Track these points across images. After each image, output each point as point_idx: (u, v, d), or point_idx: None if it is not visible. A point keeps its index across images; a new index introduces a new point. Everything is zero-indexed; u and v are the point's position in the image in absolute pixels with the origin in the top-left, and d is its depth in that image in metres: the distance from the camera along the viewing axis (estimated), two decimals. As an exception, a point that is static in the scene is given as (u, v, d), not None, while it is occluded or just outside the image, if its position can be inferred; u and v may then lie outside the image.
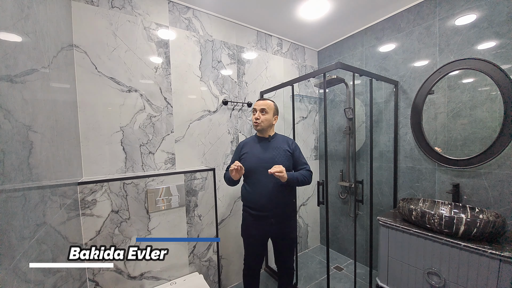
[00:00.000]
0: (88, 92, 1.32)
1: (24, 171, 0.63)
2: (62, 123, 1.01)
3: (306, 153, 2.51)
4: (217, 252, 1.74)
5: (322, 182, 1.70)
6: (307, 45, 2.52)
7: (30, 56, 0.70)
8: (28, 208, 0.64)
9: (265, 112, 1.42)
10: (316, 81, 2.47)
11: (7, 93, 0.56)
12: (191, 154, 1.72)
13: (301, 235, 2.52)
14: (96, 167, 1.35)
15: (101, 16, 1.35)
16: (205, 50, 1.79)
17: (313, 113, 2.61)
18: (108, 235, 1.30)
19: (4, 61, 0.55)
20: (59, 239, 0.87)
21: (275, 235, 1.43)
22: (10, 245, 0.54)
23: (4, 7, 0.57)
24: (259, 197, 1.36)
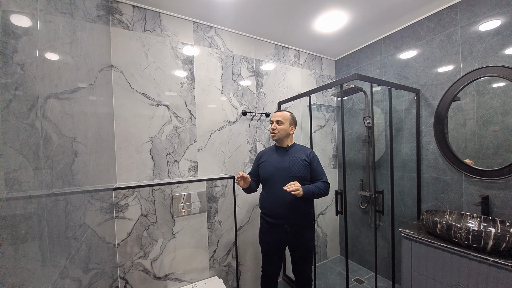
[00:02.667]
0: (123, 107, 1.47)
1: (68, 177, 0.74)
2: (101, 135, 1.15)
3: (324, 161, 2.51)
4: (236, 257, 1.79)
5: (340, 192, 1.69)
6: (325, 55, 2.55)
7: (75, 76, 0.82)
8: (71, 210, 0.74)
9: (280, 122, 1.48)
10: (334, 90, 2.48)
11: (55, 108, 0.65)
12: (212, 163, 1.82)
13: (320, 244, 2.49)
14: (128, 174, 1.49)
15: (135, 39, 1.52)
16: (226, 64, 1.90)
17: (331, 122, 2.61)
18: (138, 237, 1.41)
19: (54, 80, 0.66)
20: (96, 239, 0.98)
21: (291, 244, 1.45)
22: (56, 244, 0.63)
23: (55, 34, 0.67)
24: (275, 205, 1.40)
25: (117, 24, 1.47)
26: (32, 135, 0.52)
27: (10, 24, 0.46)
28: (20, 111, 0.48)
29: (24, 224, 0.47)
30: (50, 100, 0.62)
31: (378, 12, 1.72)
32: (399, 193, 1.97)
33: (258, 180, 1.56)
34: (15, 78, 0.46)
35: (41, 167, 0.55)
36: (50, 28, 0.64)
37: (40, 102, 0.56)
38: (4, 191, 0.42)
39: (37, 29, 0.56)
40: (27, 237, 0.48)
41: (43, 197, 0.56)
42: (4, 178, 0.42)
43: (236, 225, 1.80)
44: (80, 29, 0.89)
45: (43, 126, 0.57)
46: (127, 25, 1.50)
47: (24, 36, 0.50)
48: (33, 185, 0.52)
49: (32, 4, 0.53)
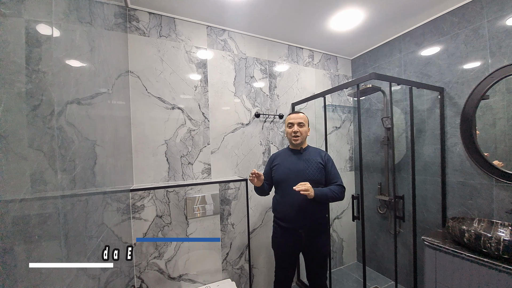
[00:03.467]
0: (139, 110, 1.52)
1: (89, 178, 0.77)
2: (119, 138, 1.19)
3: (340, 164, 2.43)
4: (248, 261, 1.78)
5: (357, 196, 1.63)
6: (340, 55, 2.49)
7: (95, 82, 0.86)
8: (90, 210, 0.77)
9: (302, 125, 1.46)
10: (350, 90, 2.41)
11: (77, 113, 0.68)
12: (225, 165, 1.83)
13: (336, 250, 2.41)
14: (144, 176, 1.53)
15: (151, 45, 1.57)
16: (238, 67, 1.91)
17: (347, 123, 2.53)
18: (153, 237, 1.45)
19: (75, 86, 0.69)
20: (113, 239, 1.01)
21: (305, 249, 1.41)
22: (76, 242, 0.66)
23: (76, 42, 0.70)
24: (289, 209, 1.37)
25: (134, 31, 1.53)
26: (55, 139, 0.54)
27: (35, 33, 0.49)
28: (44, 116, 0.50)
29: (47, 223, 0.50)
30: (72, 105, 0.65)
31: (396, 8, 1.65)
32: (421, 198, 1.86)
33: (271, 183, 1.53)
34: (39, 84, 0.49)
35: (63, 169, 0.58)
36: (71, 37, 0.67)
37: (62, 107, 0.59)
38: (30, 192, 0.44)
39: (59, 38, 0.59)
40: (49, 235, 0.50)
41: (65, 198, 0.59)
42: (30, 179, 0.45)
43: (249, 228, 1.79)
44: (99, 37, 0.93)
45: (64, 130, 0.60)
46: (144, 32, 1.55)
47: (47, 45, 0.53)
48: (55, 186, 0.54)
49: (54, 13, 0.56)
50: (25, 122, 0.44)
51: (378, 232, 2.28)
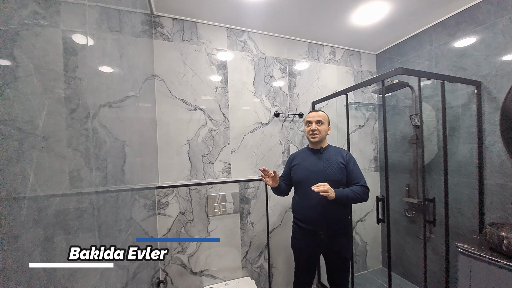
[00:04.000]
0: (164, 112, 1.60)
1: (119, 176, 0.82)
2: (146, 138, 1.27)
3: (363, 164, 2.33)
4: (268, 260, 1.79)
5: (382, 198, 1.55)
6: (364, 50, 2.39)
7: (124, 86, 0.92)
8: (121, 205, 0.83)
9: (321, 123, 1.42)
10: (375, 87, 2.29)
11: (108, 116, 0.73)
12: (245, 164, 1.85)
13: (359, 253, 2.32)
14: (168, 174, 1.61)
15: (174, 49, 1.64)
16: (258, 67, 1.92)
17: (371, 121, 2.42)
18: (176, 233, 1.52)
19: (107, 90, 0.74)
20: (141, 233, 1.08)
21: (326, 251, 1.38)
22: (108, 234, 0.71)
23: (107, 50, 0.75)
24: (308, 210, 1.35)
25: (159, 37, 1.61)
26: (89, 139, 0.59)
27: (71, 43, 0.53)
28: (80, 119, 0.55)
29: (83, 216, 0.55)
30: (104, 108, 0.71)
31: (426, -3, 1.54)
32: (454, 201, 1.72)
33: (290, 184, 1.52)
34: (76, 90, 0.54)
35: (97, 167, 0.63)
36: (103, 45, 0.72)
37: (96, 110, 0.64)
38: (67, 188, 0.49)
39: (93, 46, 0.64)
40: (85, 227, 0.55)
41: (98, 193, 0.64)
42: (68, 176, 0.49)
43: (268, 227, 1.80)
44: (128, 44, 1.00)
45: (98, 131, 0.65)
46: (168, 37, 1.63)
47: (83, 53, 0.58)
48: (90, 183, 0.59)
49: (88, 24, 0.61)
50: (64, 125, 0.49)
51: (405, 237, 2.15)
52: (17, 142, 0.31)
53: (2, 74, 0.28)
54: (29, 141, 0.34)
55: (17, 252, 0.30)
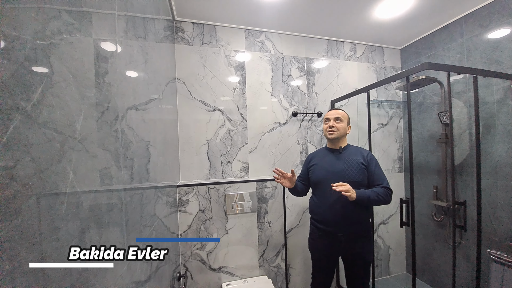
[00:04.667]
0: (185, 113, 1.67)
1: (144, 174, 0.88)
2: (168, 138, 1.33)
3: (387, 164, 2.24)
4: (285, 260, 1.78)
5: (406, 200, 1.48)
6: (387, 45, 2.28)
7: (148, 90, 0.98)
8: (145, 202, 0.88)
9: (339, 120, 1.38)
10: (399, 83, 2.18)
11: (134, 118, 0.79)
12: (263, 164, 1.86)
13: (381, 257, 2.23)
14: (188, 173, 1.67)
15: (194, 53, 1.70)
16: (276, 67, 1.92)
17: (395, 119, 2.31)
18: (196, 230, 1.57)
19: (133, 94, 0.79)
20: (163, 229, 1.14)
21: (345, 254, 1.34)
22: (134, 229, 0.76)
23: (133, 56, 0.80)
24: (326, 212, 1.33)
25: (180, 41, 1.67)
26: (117, 140, 0.64)
27: (102, 50, 0.58)
28: (110, 121, 0.60)
29: (113, 211, 0.59)
30: (131, 111, 0.76)
31: (456, -14, 1.44)
32: (488, 205, 1.58)
33: (308, 184, 1.50)
34: (106, 94, 0.58)
35: (125, 166, 0.68)
36: (130, 51, 0.78)
37: (123, 113, 0.69)
38: (99, 185, 0.53)
39: (121, 53, 0.69)
40: (114, 221, 0.60)
41: (126, 190, 0.69)
42: (99, 174, 0.54)
43: (286, 227, 1.80)
44: (152, 49, 1.05)
45: (125, 132, 0.70)
46: (188, 41, 1.69)
47: (112, 60, 0.63)
48: (119, 180, 0.64)
49: (115, 31, 0.65)
50: (95, 127, 0.53)
51: (432, 242, 2.03)
52: (59, 144, 0.35)
53: (41, 81, 0.32)
54: (69, 143, 0.38)
55: (57, 242, 0.34)
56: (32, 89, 0.30)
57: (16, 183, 0.26)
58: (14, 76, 0.27)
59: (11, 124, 0.26)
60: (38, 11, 0.31)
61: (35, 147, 0.29)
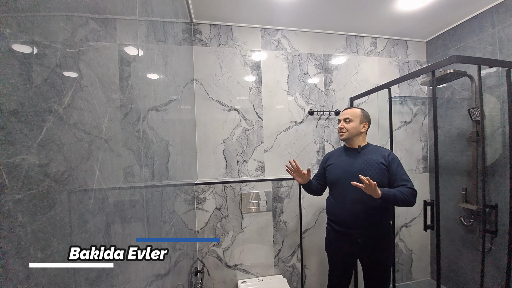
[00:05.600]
0: (202, 113, 1.71)
1: (164, 172, 0.91)
2: (187, 138, 1.37)
3: (410, 164, 2.13)
4: (301, 260, 1.77)
5: (431, 202, 1.40)
6: (411, 38, 2.16)
7: (168, 91, 1.01)
8: (165, 199, 0.92)
9: (349, 120, 1.34)
10: (425, 78, 2.06)
11: (155, 118, 0.82)
12: (278, 163, 1.86)
13: (402, 262, 2.13)
14: (205, 171, 1.71)
15: (211, 54, 1.73)
16: (292, 65, 1.90)
17: (420, 116, 2.18)
18: (213, 227, 1.61)
19: (154, 95, 0.83)
20: (181, 225, 1.18)
21: (363, 256, 1.30)
22: (154, 224, 0.80)
23: (154, 59, 0.84)
24: (343, 213, 1.29)
25: (198, 43, 1.71)
26: (139, 139, 0.68)
27: (125, 55, 0.61)
28: (133, 122, 0.63)
29: (135, 207, 0.63)
30: (152, 112, 0.79)
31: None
32: (527, 210, 1.45)
33: (324, 184, 1.47)
34: (129, 96, 0.62)
35: (146, 164, 0.72)
36: (151, 55, 0.81)
37: (145, 114, 0.72)
38: (123, 182, 0.57)
39: (142, 57, 0.72)
40: (136, 217, 0.63)
41: (147, 188, 0.72)
42: (123, 172, 0.57)
43: (302, 227, 1.78)
44: (171, 52, 1.09)
45: (146, 132, 0.73)
46: (205, 43, 1.73)
47: (134, 63, 0.66)
48: (140, 178, 0.68)
49: (137, 36, 0.69)
50: (119, 127, 0.56)
51: (460, 247, 1.90)
52: (87, 144, 0.38)
53: (71, 85, 0.34)
54: (96, 143, 0.40)
55: (85, 234, 0.37)
56: (63, 93, 0.32)
57: (50, 179, 0.29)
58: (47, 81, 0.29)
59: (45, 126, 0.28)
60: (67, 20, 0.34)
61: (66, 147, 0.32)
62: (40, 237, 0.27)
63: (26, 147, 0.25)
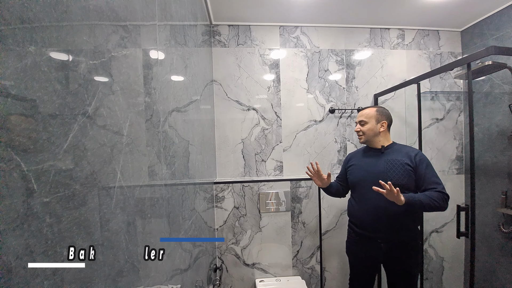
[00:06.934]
0: (221, 113, 1.74)
1: (184, 171, 0.94)
2: (206, 138, 1.41)
3: (442, 165, 1.96)
4: (320, 263, 1.73)
5: (465, 207, 1.28)
6: (443, 28, 1.99)
7: (188, 92, 1.04)
8: (186, 197, 0.95)
9: (363, 123, 1.29)
10: (460, 71, 1.88)
11: (176, 119, 0.85)
12: (297, 163, 1.83)
13: (432, 270, 1.98)
14: (224, 171, 1.74)
15: (230, 54, 1.75)
16: (311, 62, 1.85)
17: (454, 113, 2.00)
18: (231, 226, 1.64)
19: (175, 97, 0.86)
20: (201, 222, 1.21)
21: (386, 262, 1.23)
22: (176, 221, 0.83)
23: (174, 63, 0.86)
24: (365, 215, 1.23)
25: (217, 44, 1.74)
26: (162, 139, 0.71)
27: (148, 59, 0.64)
28: (155, 123, 0.66)
29: (156, 205, 0.66)
30: (173, 113, 0.83)
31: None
32: None
33: (346, 185, 1.42)
34: (152, 98, 0.65)
35: (167, 163, 0.75)
36: (172, 58, 0.84)
37: (167, 115, 0.75)
38: (148, 180, 0.60)
39: (164, 60, 0.75)
40: (157, 214, 0.66)
41: (167, 186, 0.76)
42: (147, 170, 0.60)
43: (321, 229, 1.74)
44: (191, 55, 1.12)
45: (169, 133, 0.76)
46: (224, 43, 1.75)
47: (157, 67, 0.69)
48: (162, 177, 0.71)
49: (159, 41, 0.71)
50: (144, 128, 0.59)
51: (498, 256, 1.72)
52: (109, 149, 0.40)
53: (102, 89, 0.37)
54: (117, 148, 0.43)
55: (107, 232, 0.40)
56: (94, 96, 0.35)
57: (75, 182, 0.31)
58: (82, 85, 0.32)
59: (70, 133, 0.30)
60: (95, 28, 0.36)
61: (90, 152, 0.35)
62: (66, 235, 0.29)
63: (53, 154, 0.27)
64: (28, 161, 0.24)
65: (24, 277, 0.23)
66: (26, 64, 0.24)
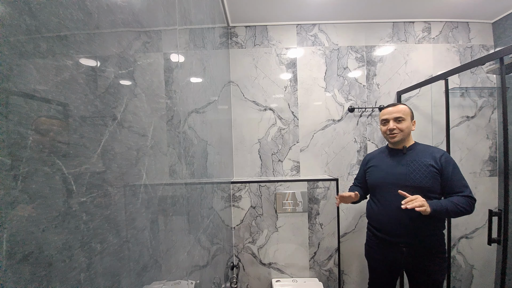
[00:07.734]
0: (238, 114, 1.76)
1: (203, 171, 0.97)
2: (223, 138, 1.43)
3: (473, 167, 1.83)
4: (338, 265, 1.69)
5: (498, 212, 1.19)
6: (473, 19, 1.85)
7: (207, 94, 1.07)
8: (204, 196, 0.98)
9: (401, 120, 1.18)
10: (493, 65, 1.74)
11: (195, 120, 0.88)
12: (315, 163, 1.80)
13: (461, 278, 1.86)
14: (241, 170, 1.77)
15: (247, 55, 1.77)
16: (330, 60, 1.81)
17: (486, 110, 1.86)
18: (248, 225, 1.66)
19: (194, 99, 0.88)
20: (219, 221, 1.24)
21: (408, 267, 1.18)
22: (195, 219, 0.86)
23: (193, 65, 0.89)
24: (386, 219, 1.19)
25: (234, 46, 1.77)
26: (182, 140, 0.73)
27: (169, 62, 0.67)
28: (176, 124, 0.69)
29: (177, 203, 0.68)
30: (192, 114, 0.85)
31: None
32: None
33: (366, 188, 1.37)
34: (173, 100, 0.67)
35: (187, 163, 0.77)
36: (191, 61, 0.87)
37: (186, 116, 0.78)
38: (169, 178, 0.63)
39: (184, 63, 0.78)
40: (178, 212, 0.69)
41: (187, 185, 0.78)
42: (169, 170, 0.63)
43: (339, 231, 1.70)
44: (209, 57, 1.15)
45: (188, 133, 0.79)
46: (241, 45, 1.77)
47: (177, 70, 0.72)
48: (182, 176, 0.74)
49: (179, 45, 0.74)
50: (165, 129, 0.62)
51: (541, 269, 1.57)
52: (135, 152, 0.43)
53: (126, 93, 0.39)
54: (142, 151, 0.46)
55: (133, 230, 0.42)
56: (120, 100, 0.37)
57: (106, 184, 0.34)
58: (108, 90, 0.34)
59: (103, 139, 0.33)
60: (121, 35, 0.39)
61: (119, 155, 0.37)
62: (98, 232, 0.31)
63: (88, 158, 0.30)
64: (67, 164, 0.26)
65: (63, 270, 0.25)
66: (64, 77, 0.26)
